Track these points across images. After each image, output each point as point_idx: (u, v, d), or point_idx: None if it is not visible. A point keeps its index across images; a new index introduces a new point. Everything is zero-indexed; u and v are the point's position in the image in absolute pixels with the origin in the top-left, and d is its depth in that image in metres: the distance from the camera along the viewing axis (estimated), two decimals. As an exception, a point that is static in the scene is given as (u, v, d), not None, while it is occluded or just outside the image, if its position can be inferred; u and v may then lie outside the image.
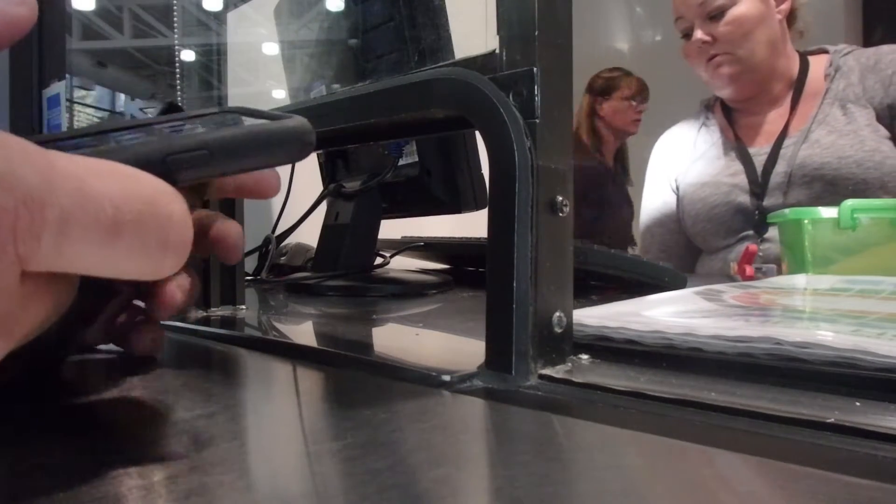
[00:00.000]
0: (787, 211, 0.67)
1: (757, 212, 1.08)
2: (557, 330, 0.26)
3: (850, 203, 0.62)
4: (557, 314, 0.26)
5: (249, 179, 0.30)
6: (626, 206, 1.88)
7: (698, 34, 1.09)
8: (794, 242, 0.66)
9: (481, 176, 0.68)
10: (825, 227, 0.63)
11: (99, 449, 0.18)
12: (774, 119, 1.12)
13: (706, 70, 1.12)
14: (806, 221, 0.64)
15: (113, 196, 0.17)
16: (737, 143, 1.14)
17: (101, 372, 0.28)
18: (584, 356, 0.28)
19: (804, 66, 1.11)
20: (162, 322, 0.41)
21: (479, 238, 0.73)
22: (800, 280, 0.54)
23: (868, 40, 2.06)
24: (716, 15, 1.06)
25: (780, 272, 0.97)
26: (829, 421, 0.19)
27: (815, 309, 0.36)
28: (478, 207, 0.68)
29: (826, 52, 1.12)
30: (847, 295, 0.42)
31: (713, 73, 1.11)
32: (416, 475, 0.16)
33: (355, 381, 0.27)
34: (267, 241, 0.76)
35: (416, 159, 0.67)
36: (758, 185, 1.08)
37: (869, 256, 0.61)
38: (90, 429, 0.20)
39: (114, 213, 0.17)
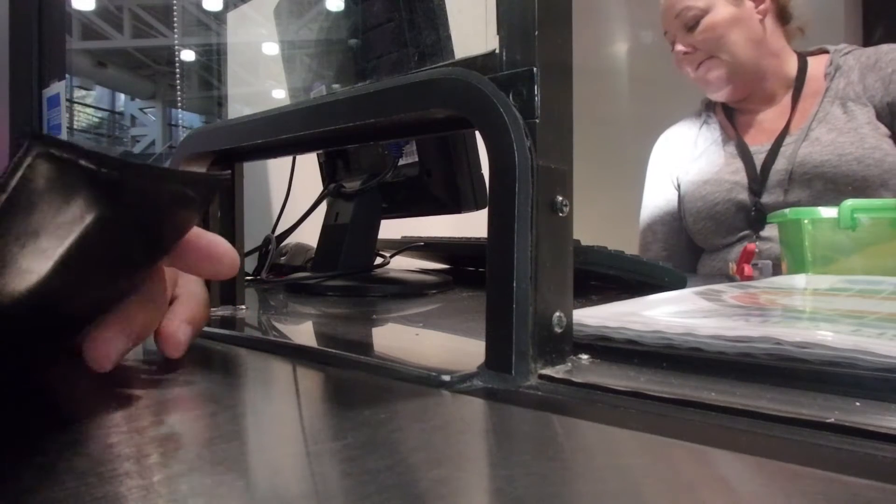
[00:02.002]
0: (787, 211, 0.67)
1: (754, 209, 1.09)
2: (557, 330, 0.26)
3: (850, 203, 0.62)
4: (557, 314, 0.26)
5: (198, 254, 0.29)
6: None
7: (679, 46, 1.13)
8: (794, 242, 0.66)
9: (481, 176, 0.68)
10: (825, 227, 0.63)
11: (98, 449, 0.18)
12: (775, 118, 1.13)
13: (696, 77, 1.15)
14: (806, 221, 0.64)
15: None
16: (738, 141, 1.15)
17: (99, 372, 0.28)
18: (584, 356, 0.28)
19: (803, 66, 1.12)
20: None
21: (479, 238, 0.73)
22: (800, 280, 0.54)
23: (868, 40, 2.06)
24: (692, 25, 1.10)
25: (776, 270, 0.98)
26: (829, 421, 0.19)
27: (815, 309, 0.36)
28: (478, 207, 0.68)
29: (826, 51, 1.13)
30: (847, 295, 0.42)
31: (702, 79, 1.14)
32: (416, 475, 0.16)
33: (355, 381, 0.27)
34: (267, 241, 0.76)
35: (416, 159, 0.67)
36: (757, 183, 1.09)
37: (869, 256, 0.61)
38: (89, 429, 0.20)
39: None
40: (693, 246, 1.23)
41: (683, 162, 1.23)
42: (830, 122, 1.06)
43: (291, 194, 0.80)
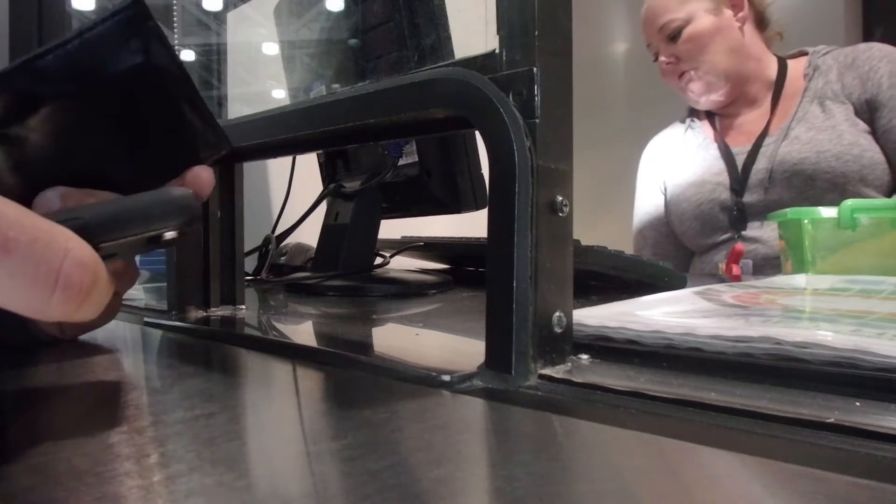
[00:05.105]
0: (787, 211, 0.68)
1: (736, 208, 1.11)
2: (557, 330, 0.26)
3: (850, 203, 0.62)
4: (557, 314, 0.26)
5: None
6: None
7: (662, 57, 1.17)
8: (795, 242, 0.66)
9: (481, 176, 0.68)
10: (825, 227, 0.63)
11: (98, 449, 0.18)
12: (756, 119, 1.17)
13: (679, 88, 1.19)
14: (806, 221, 0.64)
15: (9, 215, 0.18)
16: (721, 144, 1.18)
17: (99, 371, 0.28)
18: (584, 356, 0.28)
19: (783, 68, 1.16)
20: (159, 322, 0.41)
21: (479, 238, 0.73)
22: (800, 280, 0.54)
23: (868, 40, 2.06)
24: (674, 36, 1.13)
25: (754, 269, 0.99)
26: (829, 421, 0.19)
27: (815, 309, 0.36)
28: (478, 207, 0.68)
29: (805, 53, 1.17)
30: (847, 295, 0.42)
31: (685, 89, 1.18)
32: (416, 475, 0.16)
33: (355, 381, 0.27)
34: (267, 241, 0.76)
35: (416, 159, 0.67)
36: (739, 183, 1.12)
37: (869, 256, 0.61)
38: (89, 429, 0.20)
39: (7, 229, 0.17)
40: (683, 250, 1.27)
41: (669, 167, 1.27)
42: (809, 120, 1.09)
43: (291, 194, 0.80)
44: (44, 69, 0.25)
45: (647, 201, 1.31)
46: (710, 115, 1.24)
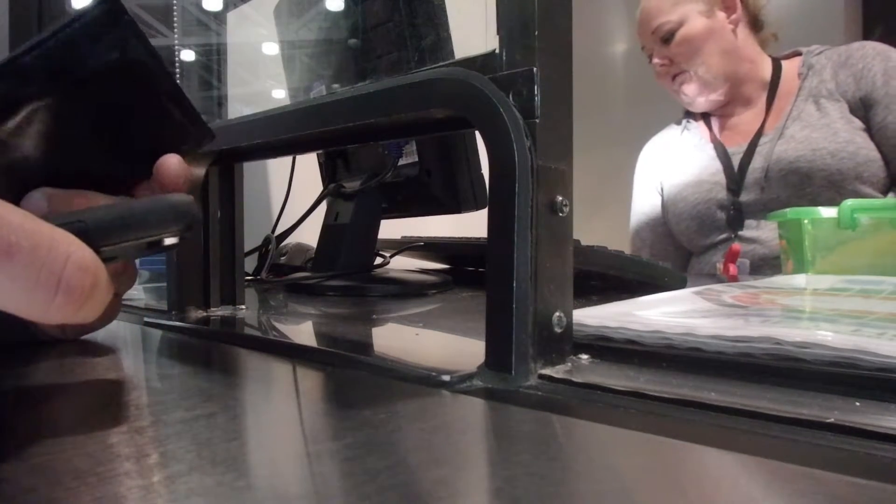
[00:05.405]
0: (787, 211, 0.68)
1: (732, 208, 1.11)
2: (557, 330, 0.26)
3: (850, 203, 0.62)
4: (557, 314, 0.26)
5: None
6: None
7: (656, 59, 1.18)
8: (795, 242, 0.66)
9: (481, 176, 0.68)
10: (825, 227, 0.63)
11: (98, 449, 0.18)
12: (751, 119, 1.18)
13: (673, 90, 1.20)
14: (806, 221, 0.64)
15: (12, 221, 0.18)
16: (717, 144, 1.19)
17: (99, 371, 0.28)
18: (584, 356, 0.28)
19: (777, 69, 1.17)
20: (159, 322, 0.41)
21: (479, 238, 0.73)
22: (800, 280, 0.54)
23: (867, 40, 2.06)
24: (667, 38, 1.14)
25: (752, 269, 0.99)
26: (828, 421, 0.19)
27: (815, 309, 0.36)
28: (478, 207, 0.68)
29: (799, 53, 1.18)
30: (847, 295, 0.42)
31: (679, 91, 1.19)
32: (416, 475, 0.16)
33: (355, 381, 0.27)
34: (267, 241, 0.76)
35: (416, 159, 0.67)
36: (735, 182, 1.13)
37: (869, 256, 0.61)
38: (89, 429, 0.20)
39: (9, 235, 0.18)
40: (681, 250, 1.28)
41: (666, 168, 1.28)
42: (804, 119, 1.09)
43: (291, 194, 0.80)
44: (22, 69, 0.25)
45: (644, 202, 1.32)
46: (705, 116, 1.25)
